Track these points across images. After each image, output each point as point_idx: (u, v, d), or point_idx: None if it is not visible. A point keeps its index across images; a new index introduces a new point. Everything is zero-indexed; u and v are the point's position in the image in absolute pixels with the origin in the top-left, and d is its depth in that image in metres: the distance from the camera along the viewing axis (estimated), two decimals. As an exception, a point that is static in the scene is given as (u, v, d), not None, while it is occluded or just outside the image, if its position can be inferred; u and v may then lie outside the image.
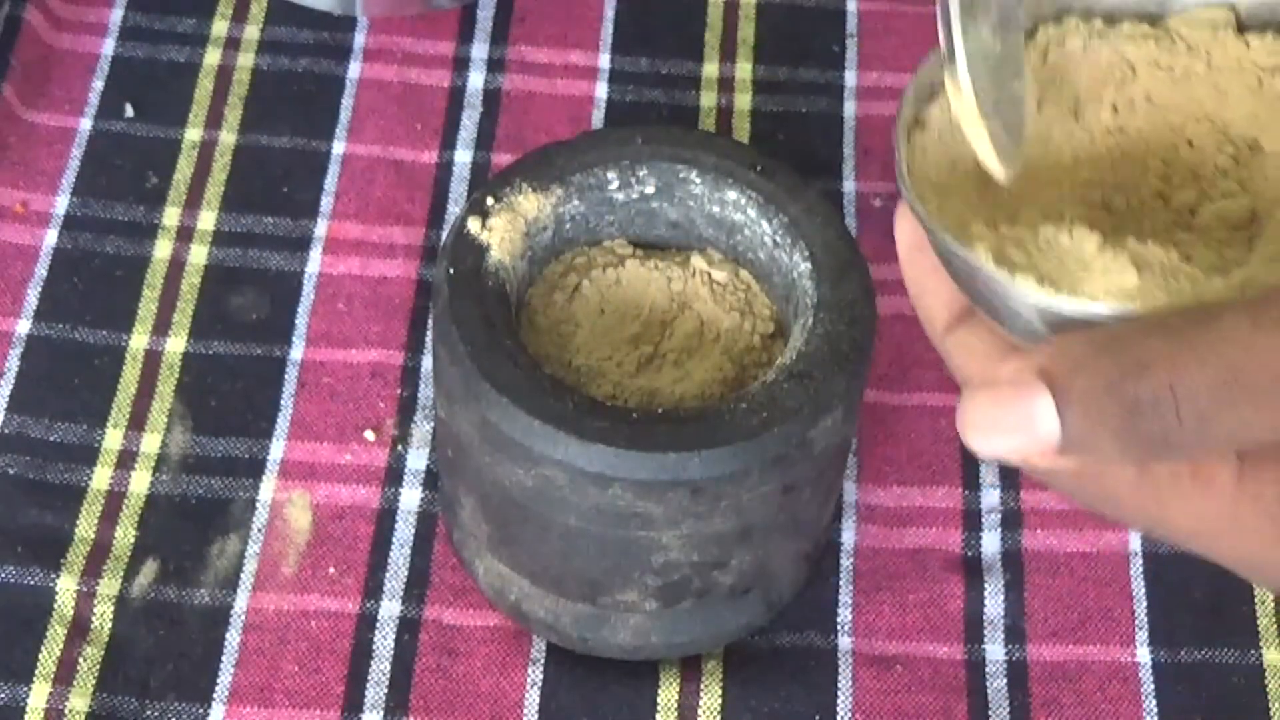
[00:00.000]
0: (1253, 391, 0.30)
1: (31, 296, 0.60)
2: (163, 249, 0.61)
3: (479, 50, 0.67)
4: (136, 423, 0.57)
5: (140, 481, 0.56)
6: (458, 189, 0.63)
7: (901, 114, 0.38)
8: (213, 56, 0.66)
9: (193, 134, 0.64)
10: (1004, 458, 0.32)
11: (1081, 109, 0.39)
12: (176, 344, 0.59)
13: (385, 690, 0.53)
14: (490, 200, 0.50)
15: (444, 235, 0.54)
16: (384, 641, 0.54)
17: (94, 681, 0.52)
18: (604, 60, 0.67)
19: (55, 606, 0.54)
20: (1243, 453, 0.32)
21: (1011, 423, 0.31)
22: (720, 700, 0.53)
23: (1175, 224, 0.38)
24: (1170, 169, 0.39)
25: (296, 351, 0.59)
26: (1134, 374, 0.30)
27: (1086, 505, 0.35)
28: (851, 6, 0.69)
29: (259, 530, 0.55)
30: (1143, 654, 0.54)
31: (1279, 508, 0.32)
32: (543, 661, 0.53)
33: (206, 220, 0.62)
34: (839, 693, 0.53)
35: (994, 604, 0.55)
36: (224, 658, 0.53)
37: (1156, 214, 0.38)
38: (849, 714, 0.53)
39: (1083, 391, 0.31)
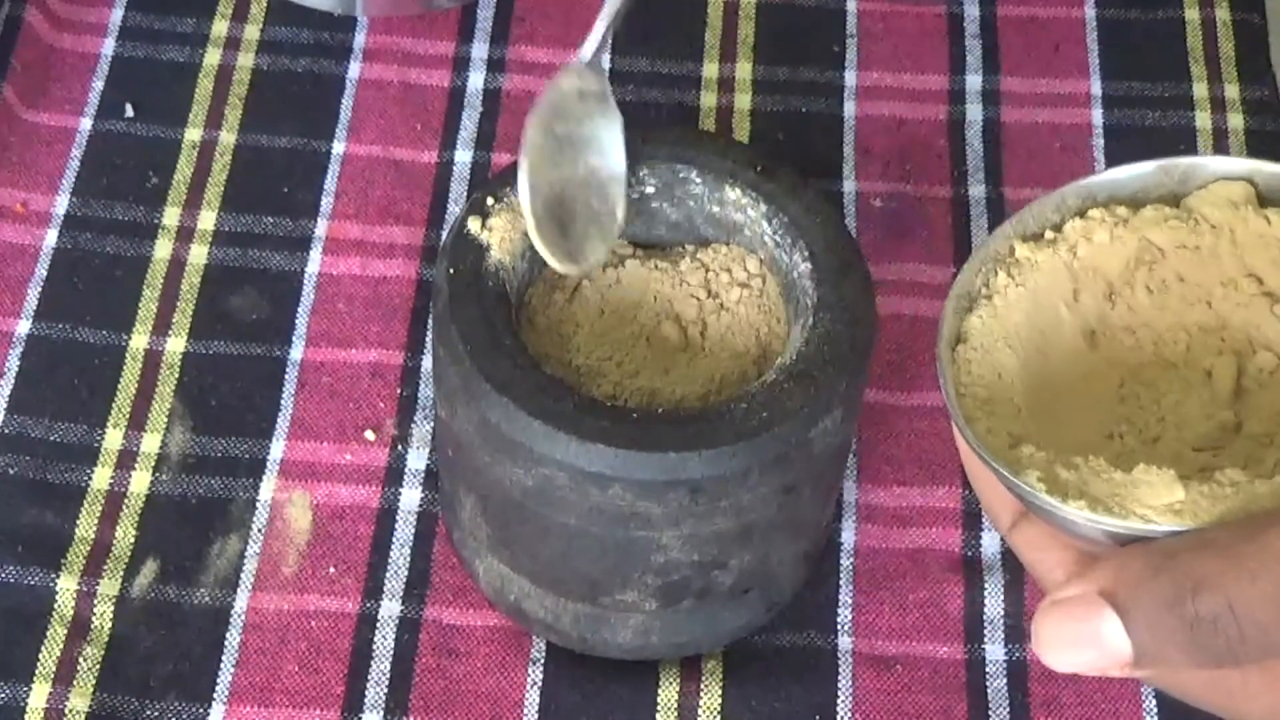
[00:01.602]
0: None
1: (31, 296, 0.60)
2: (163, 249, 0.61)
3: (479, 50, 0.67)
4: (136, 423, 0.57)
5: (140, 481, 0.56)
6: (458, 189, 0.63)
7: (942, 330, 0.39)
8: (213, 56, 0.66)
9: (193, 134, 0.64)
10: (1081, 671, 0.34)
11: (1116, 295, 0.40)
12: (176, 344, 0.59)
13: (385, 690, 0.53)
14: (490, 200, 0.50)
15: (444, 235, 0.54)
16: (384, 641, 0.54)
17: (94, 681, 0.52)
18: (604, 60, 0.67)
19: (55, 606, 0.54)
20: None
21: (1083, 642, 0.33)
22: (720, 700, 0.53)
23: (1218, 423, 0.38)
24: (1207, 337, 0.40)
25: (296, 351, 0.59)
26: (1192, 593, 0.32)
27: (1167, 692, 0.37)
28: (851, 6, 0.68)
29: (259, 530, 0.55)
30: (1143, 654, 0.54)
31: None
32: (543, 661, 0.53)
33: (206, 220, 0.62)
34: (839, 693, 0.53)
35: (994, 604, 0.55)
36: (224, 658, 0.53)
37: (1194, 411, 0.39)
38: (849, 714, 0.53)
39: (1146, 611, 0.32)
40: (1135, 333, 0.40)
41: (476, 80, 0.66)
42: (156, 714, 0.52)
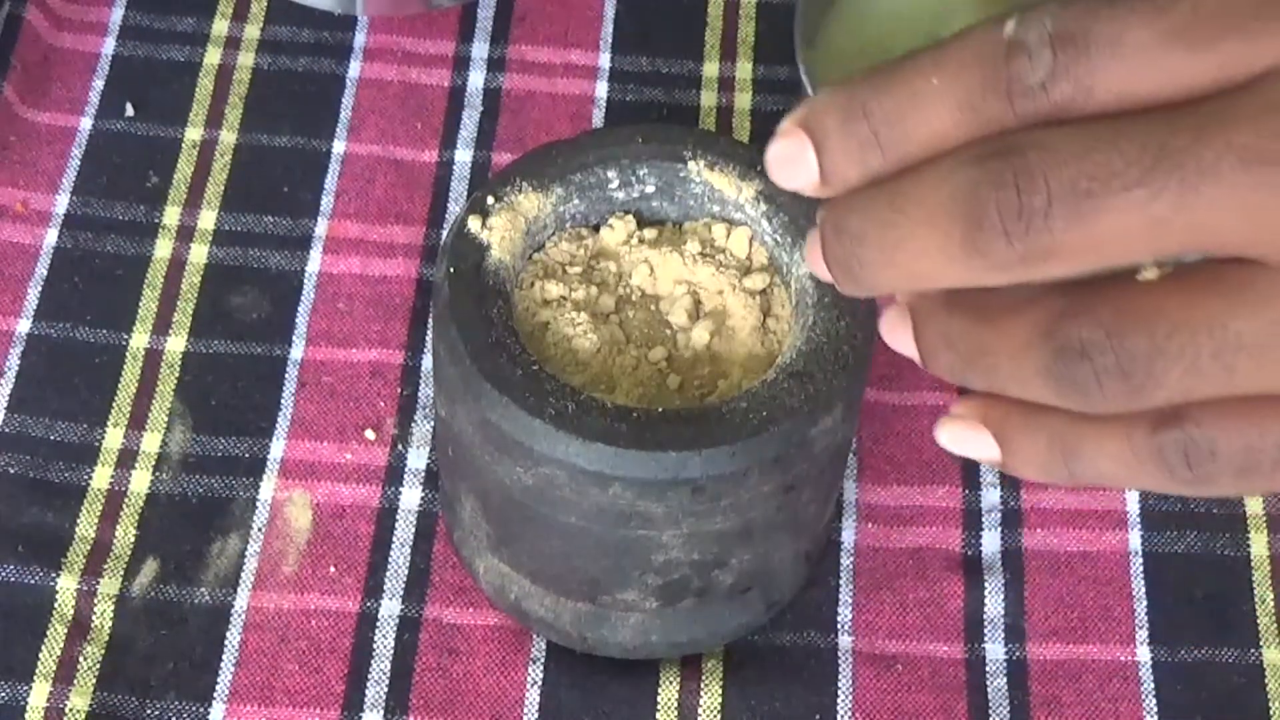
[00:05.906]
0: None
1: (31, 296, 0.60)
2: (163, 248, 0.61)
3: (479, 50, 0.67)
4: (137, 422, 0.57)
5: (140, 481, 0.56)
6: (458, 188, 0.63)
7: None
8: (213, 56, 0.66)
9: (193, 133, 0.64)
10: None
11: None
12: (177, 343, 0.59)
13: (385, 689, 0.53)
14: (490, 199, 0.50)
15: (444, 235, 0.54)
16: (384, 641, 0.54)
17: (94, 681, 0.52)
18: (604, 60, 0.67)
19: (55, 606, 0.54)
20: None
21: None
22: (720, 700, 0.53)
23: None
24: None
25: (296, 351, 0.59)
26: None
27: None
28: (851, 6, 0.69)
29: (259, 530, 0.55)
30: (1143, 653, 0.54)
31: None
32: (543, 660, 0.53)
33: (207, 220, 0.62)
34: (839, 692, 0.53)
35: (994, 603, 0.55)
36: (224, 657, 0.53)
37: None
38: (849, 713, 0.53)
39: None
40: None
41: (476, 80, 0.66)
42: (156, 713, 0.52)
